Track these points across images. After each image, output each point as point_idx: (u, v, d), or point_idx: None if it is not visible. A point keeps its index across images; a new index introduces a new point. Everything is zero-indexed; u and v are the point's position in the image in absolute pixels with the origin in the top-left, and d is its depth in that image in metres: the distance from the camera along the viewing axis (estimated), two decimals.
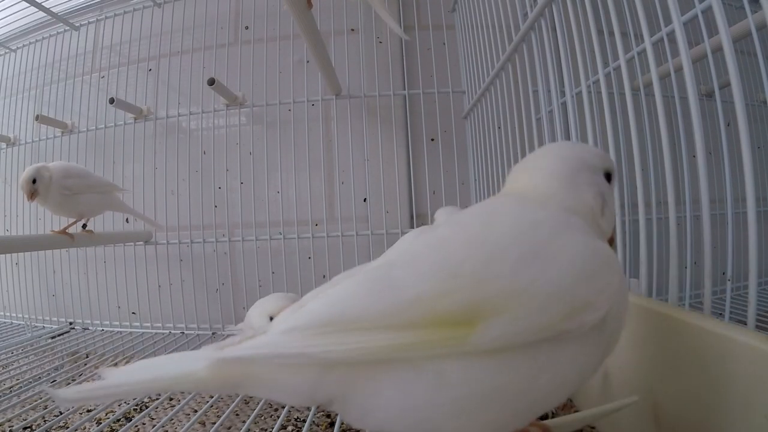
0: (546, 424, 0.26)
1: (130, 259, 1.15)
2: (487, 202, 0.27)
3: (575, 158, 0.25)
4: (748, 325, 0.29)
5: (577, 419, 0.29)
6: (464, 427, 0.19)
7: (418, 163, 1.07)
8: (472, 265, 0.20)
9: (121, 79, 1.21)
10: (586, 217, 0.24)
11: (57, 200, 0.82)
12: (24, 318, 1.27)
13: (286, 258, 1.08)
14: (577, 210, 0.24)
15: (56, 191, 0.81)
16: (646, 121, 0.68)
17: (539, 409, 0.21)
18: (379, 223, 1.05)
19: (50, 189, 0.80)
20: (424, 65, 1.09)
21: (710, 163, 0.33)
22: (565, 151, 0.26)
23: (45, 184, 0.79)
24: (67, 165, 0.85)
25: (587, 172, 0.25)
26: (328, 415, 0.66)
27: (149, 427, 0.67)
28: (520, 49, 0.63)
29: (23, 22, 1.30)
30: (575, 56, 0.48)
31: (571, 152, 0.26)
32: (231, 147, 1.12)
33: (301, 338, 0.20)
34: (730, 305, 0.45)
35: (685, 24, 0.39)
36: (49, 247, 0.88)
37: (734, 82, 0.30)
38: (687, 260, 0.58)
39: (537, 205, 0.24)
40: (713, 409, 0.27)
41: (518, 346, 0.19)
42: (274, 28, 1.12)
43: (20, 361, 0.92)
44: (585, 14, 0.46)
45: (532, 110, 0.66)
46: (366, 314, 0.19)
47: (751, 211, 0.30)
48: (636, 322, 0.35)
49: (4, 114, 1.34)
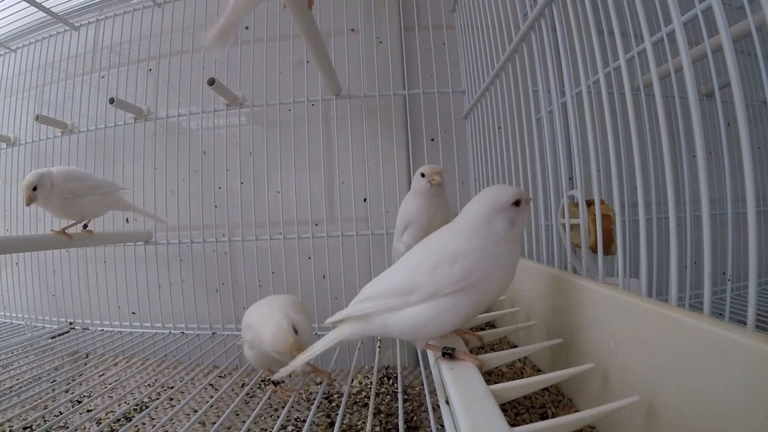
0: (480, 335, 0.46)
1: (130, 259, 1.15)
2: (438, 232, 0.44)
3: (490, 202, 0.40)
4: (748, 325, 0.29)
5: (577, 419, 0.29)
6: (420, 331, 0.40)
7: (418, 163, 1.07)
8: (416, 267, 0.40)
9: (121, 79, 1.21)
10: (498, 237, 0.39)
11: (60, 204, 0.82)
12: (24, 318, 1.27)
13: (286, 258, 1.08)
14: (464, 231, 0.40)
15: (59, 196, 0.81)
16: (646, 121, 0.68)
17: (452, 326, 0.40)
18: (379, 223, 1.06)
19: (52, 195, 0.80)
20: (424, 65, 1.09)
21: (710, 163, 0.33)
22: (484, 198, 0.41)
23: (46, 192, 0.79)
24: (67, 169, 0.85)
25: (497, 211, 0.40)
26: (328, 415, 0.66)
27: (149, 427, 0.67)
28: (520, 49, 0.63)
29: (23, 22, 1.30)
30: (575, 56, 0.48)
31: (488, 198, 0.41)
32: (231, 147, 1.13)
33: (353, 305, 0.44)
34: (730, 305, 0.45)
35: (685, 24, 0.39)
36: (48, 247, 0.88)
37: (734, 82, 0.30)
38: (687, 260, 0.58)
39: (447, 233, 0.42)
40: (713, 409, 0.27)
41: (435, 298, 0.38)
42: (274, 28, 1.12)
43: (20, 361, 0.92)
44: (585, 14, 0.46)
45: (532, 110, 0.66)
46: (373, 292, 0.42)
47: (751, 211, 0.30)
48: (636, 322, 0.35)
49: (4, 114, 1.34)
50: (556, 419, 0.29)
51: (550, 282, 0.51)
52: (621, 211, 0.43)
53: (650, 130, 0.67)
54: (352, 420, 0.64)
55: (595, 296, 0.41)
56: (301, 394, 0.72)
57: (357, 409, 0.68)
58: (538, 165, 0.60)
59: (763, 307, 0.85)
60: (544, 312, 0.52)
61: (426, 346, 0.42)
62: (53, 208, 0.83)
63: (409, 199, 0.71)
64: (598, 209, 0.46)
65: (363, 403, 0.70)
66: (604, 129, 0.47)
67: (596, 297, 0.41)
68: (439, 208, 0.69)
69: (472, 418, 0.28)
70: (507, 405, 0.44)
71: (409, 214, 0.70)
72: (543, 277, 0.53)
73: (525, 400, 0.45)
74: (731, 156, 0.44)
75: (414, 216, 0.69)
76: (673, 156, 0.36)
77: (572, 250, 0.54)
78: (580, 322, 0.43)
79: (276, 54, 1.10)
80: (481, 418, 0.28)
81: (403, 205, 0.73)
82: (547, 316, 0.51)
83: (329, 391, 0.75)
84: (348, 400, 0.67)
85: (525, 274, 0.60)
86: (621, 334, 0.37)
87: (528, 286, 0.58)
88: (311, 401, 0.72)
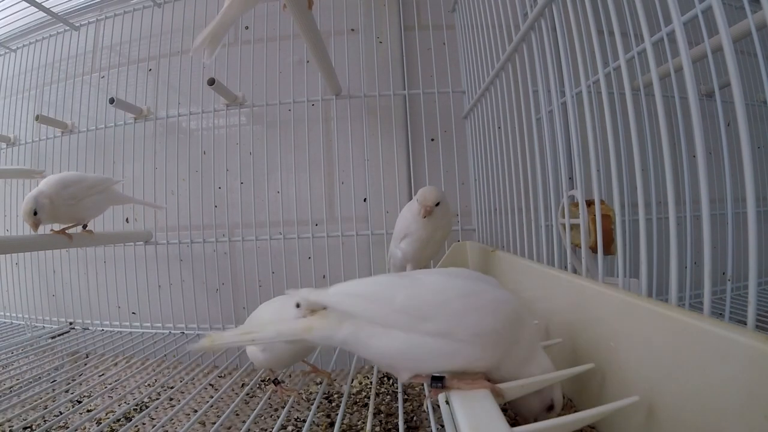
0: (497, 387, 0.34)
1: (130, 259, 1.15)
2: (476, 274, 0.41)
3: None
4: (748, 325, 0.29)
5: (577, 419, 0.29)
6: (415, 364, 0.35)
7: (418, 163, 1.07)
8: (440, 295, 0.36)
9: (121, 79, 1.21)
10: None
11: (66, 212, 0.81)
12: (24, 318, 1.27)
13: (286, 258, 1.08)
14: None
15: (61, 205, 0.79)
16: (646, 121, 0.68)
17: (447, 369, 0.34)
18: (379, 223, 1.05)
19: (54, 208, 0.78)
20: (424, 65, 1.09)
21: (710, 163, 0.33)
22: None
23: (47, 210, 0.77)
24: (59, 177, 0.82)
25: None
26: (328, 415, 0.66)
27: (149, 427, 0.67)
28: (520, 49, 0.63)
29: (23, 22, 1.30)
30: (575, 56, 0.48)
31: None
32: (231, 147, 1.13)
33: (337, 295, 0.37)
34: (730, 305, 0.45)
35: (685, 24, 0.39)
36: (48, 247, 0.88)
37: (734, 82, 0.30)
38: (687, 260, 0.58)
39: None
40: (713, 409, 0.27)
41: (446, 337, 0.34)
42: (274, 28, 1.12)
43: (20, 361, 0.92)
44: (585, 14, 0.46)
45: (532, 110, 0.66)
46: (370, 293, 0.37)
47: (751, 211, 0.30)
48: (636, 322, 0.35)
49: (4, 114, 1.34)
50: (556, 419, 0.29)
51: (550, 282, 0.51)
52: (621, 211, 0.43)
53: (650, 130, 0.67)
54: (352, 420, 0.64)
55: (595, 296, 0.41)
56: (301, 394, 0.72)
57: (357, 409, 0.68)
58: (538, 165, 0.60)
59: (763, 307, 0.85)
60: (543, 312, 0.52)
61: (413, 378, 0.35)
62: (62, 219, 0.82)
63: (411, 209, 0.71)
64: (598, 209, 0.46)
65: (363, 403, 0.70)
66: (604, 129, 0.47)
67: (596, 297, 0.41)
68: (439, 225, 0.70)
69: (472, 418, 0.28)
70: (507, 405, 0.44)
71: (408, 226, 0.70)
72: (543, 277, 0.53)
73: None
74: (731, 156, 0.44)
75: (413, 229, 0.70)
76: (673, 156, 0.36)
77: (572, 250, 0.54)
78: (580, 322, 0.43)
79: (276, 54, 1.10)
80: (481, 418, 0.28)
81: (404, 213, 0.73)
82: (547, 316, 0.51)
83: (329, 391, 0.75)
84: (348, 400, 0.67)
85: (525, 274, 0.60)
86: (621, 334, 0.37)
87: (528, 286, 0.58)
88: (311, 401, 0.71)
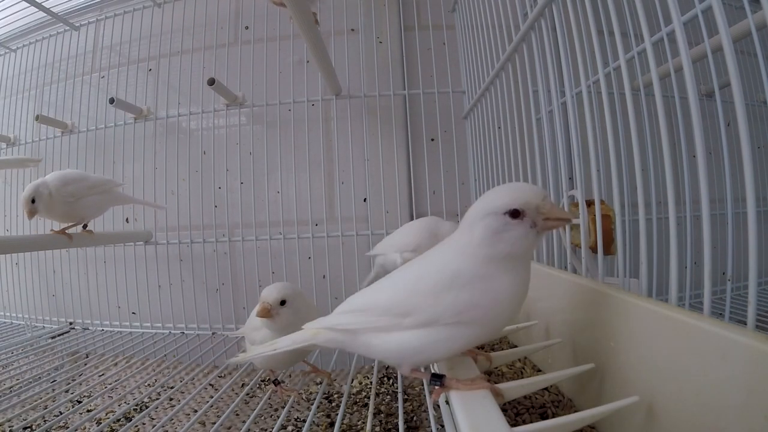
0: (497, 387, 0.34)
1: (130, 259, 1.15)
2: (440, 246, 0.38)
3: (477, 209, 0.34)
4: (748, 325, 0.29)
5: (577, 419, 0.29)
6: (409, 358, 0.36)
7: (418, 163, 1.07)
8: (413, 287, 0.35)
9: (121, 79, 1.21)
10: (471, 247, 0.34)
11: (62, 209, 0.81)
12: (24, 318, 1.27)
13: (286, 258, 1.08)
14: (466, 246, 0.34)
15: (59, 202, 0.80)
16: (646, 121, 0.68)
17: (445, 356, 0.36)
18: (379, 223, 1.05)
19: (52, 202, 0.79)
20: (424, 65, 1.09)
21: (710, 163, 0.33)
22: (476, 205, 0.35)
23: (45, 201, 0.78)
24: (62, 173, 0.83)
25: (482, 218, 0.33)
26: (328, 415, 0.66)
27: (149, 427, 0.67)
28: (520, 49, 0.63)
29: (23, 22, 1.30)
30: (575, 56, 0.48)
31: (478, 205, 0.35)
32: (231, 147, 1.13)
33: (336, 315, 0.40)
34: (730, 305, 0.45)
35: (685, 24, 0.39)
36: (48, 247, 0.88)
37: (734, 82, 0.30)
38: (687, 260, 0.58)
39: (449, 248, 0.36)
40: (713, 409, 0.27)
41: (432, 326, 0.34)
42: (274, 28, 1.12)
43: (20, 361, 0.92)
44: (585, 14, 0.46)
45: (532, 110, 0.66)
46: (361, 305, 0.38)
47: (751, 211, 0.30)
48: (636, 322, 0.35)
49: (4, 114, 1.34)
50: (556, 419, 0.29)
51: (550, 282, 0.51)
52: (621, 211, 0.44)
53: (650, 130, 0.67)
54: (352, 420, 0.64)
55: (595, 296, 0.41)
56: (301, 394, 0.72)
57: (357, 409, 0.68)
58: (538, 165, 0.60)
59: (763, 307, 0.85)
60: (544, 312, 0.52)
61: (412, 372, 0.37)
62: (57, 215, 0.82)
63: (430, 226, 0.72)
64: (598, 209, 0.46)
65: (363, 403, 0.70)
66: (604, 129, 0.47)
67: (596, 297, 0.41)
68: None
69: (472, 418, 0.28)
70: (507, 405, 0.44)
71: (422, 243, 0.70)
72: (543, 277, 0.53)
73: (525, 400, 0.45)
74: (731, 156, 0.44)
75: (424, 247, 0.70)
76: (673, 156, 0.36)
77: (572, 250, 0.54)
78: (580, 322, 0.43)
79: (276, 54, 1.10)
80: (481, 418, 0.28)
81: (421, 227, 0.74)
82: (547, 316, 0.51)
83: (329, 391, 0.75)
84: (348, 400, 0.67)
85: None
86: (621, 334, 0.37)
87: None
88: (311, 401, 0.71)
